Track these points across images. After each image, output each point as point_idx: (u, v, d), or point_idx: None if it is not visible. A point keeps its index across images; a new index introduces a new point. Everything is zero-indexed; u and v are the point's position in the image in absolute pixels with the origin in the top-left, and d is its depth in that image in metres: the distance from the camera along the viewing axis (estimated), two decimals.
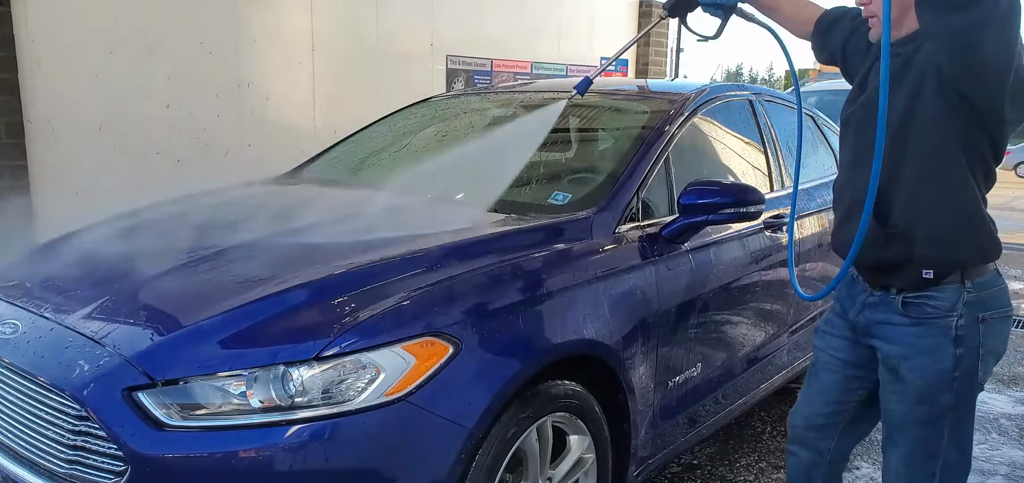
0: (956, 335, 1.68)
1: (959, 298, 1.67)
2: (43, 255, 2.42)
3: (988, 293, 1.70)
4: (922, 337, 1.70)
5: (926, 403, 1.72)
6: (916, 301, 1.71)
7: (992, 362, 1.74)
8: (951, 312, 1.67)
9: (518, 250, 2.09)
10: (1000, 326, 1.74)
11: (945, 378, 1.69)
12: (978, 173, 1.65)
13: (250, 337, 1.70)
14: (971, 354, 1.69)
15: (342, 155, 3.34)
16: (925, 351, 1.70)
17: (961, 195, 1.64)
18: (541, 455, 1.99)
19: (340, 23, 5.32)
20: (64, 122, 3.95)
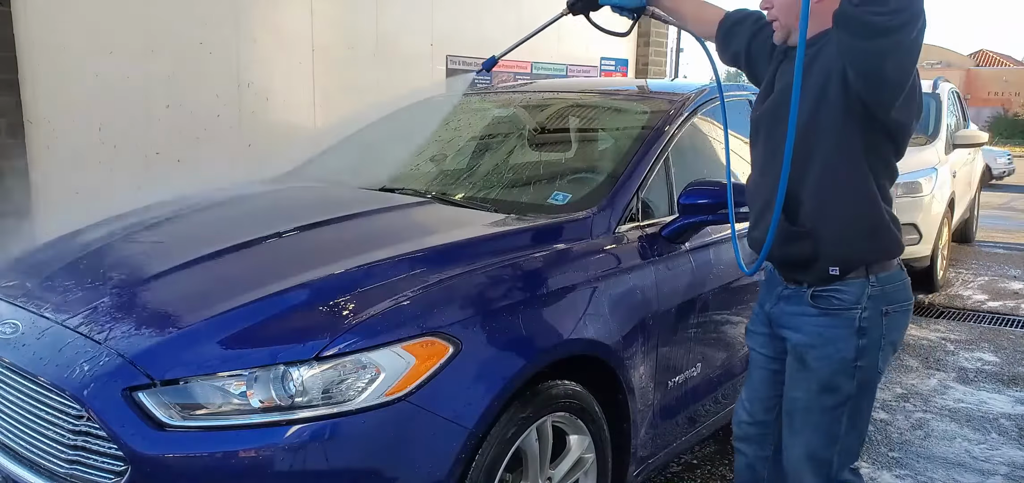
0: (860, 326, 1.75)
1: (864, 292, 1.75)
2: (43, 255, 2.42)
3: (892, 287, 1.78)
4: (828, 328, 1.78)
5: (829, 391, 1.79)
6: (824, 294, 1.78)
7: (891, 352, 1.83)
8: (856, 305, 1.75)
9: (518, 250, 2.10)
10: (901, 319, 1.82)
11: (848, 367, 1.77)
12: (881, 175, 1.73)
13: (250, 337, 1.70)
14: (874, 345, 1.77)
15: (342, 155, 3.34)
16: (830, 341, 1.78)
17: (864, 197, 1.72)
18: (541, 455, 1.99)
19: (340, 23, 5.31)
20: (64, 122, 3.95)
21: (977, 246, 8.00)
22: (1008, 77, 40.79)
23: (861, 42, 1.53)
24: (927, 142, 6.17)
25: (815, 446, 1.84)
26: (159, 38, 4.30)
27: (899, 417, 3.54)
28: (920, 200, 5.53)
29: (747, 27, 2.06)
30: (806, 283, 1.81)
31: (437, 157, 3.15)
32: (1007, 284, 6.27)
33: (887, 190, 1.76)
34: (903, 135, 1.72)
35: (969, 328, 5.02)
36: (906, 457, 3.14)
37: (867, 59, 1.55)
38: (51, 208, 3.94)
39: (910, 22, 1.48)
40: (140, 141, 4.27)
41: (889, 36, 1.49)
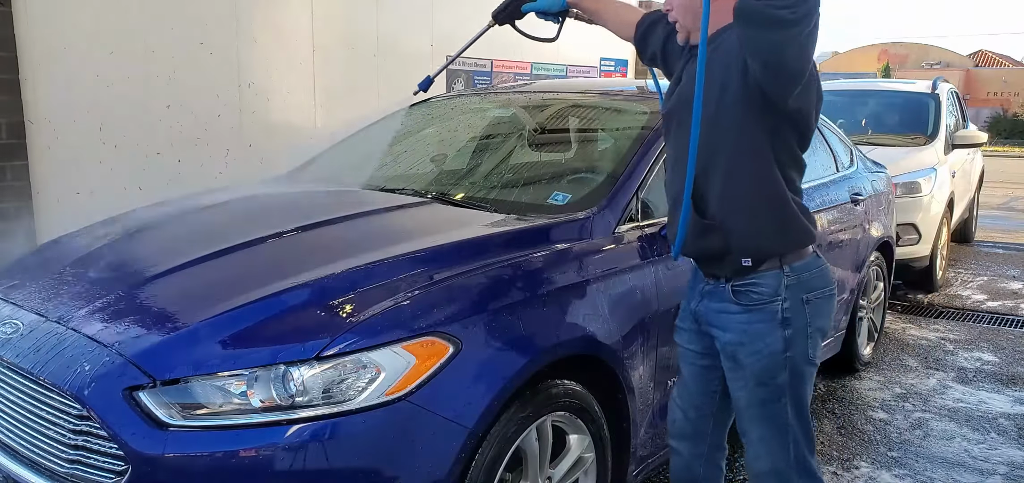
0: (783, 318, 1.78)
1: (780, 283, 1.78)
2: (44, 255, 2.42)
3: (808, 275, 1.81)
4: (752, 323, 1.80)
5: (764, 384, 1.82)
6: (743, 288, 1.81)
7: (820, 338, 1.85)
8: (776, 296, 1.78)
9: (518, 250, 2.10)
10: (824, 305, 1.84)
11: (778, 359, 1.79)
12: (787, 165, 1.76)
13: (251, 337, 1.71)
14: (800, 334, 1.79)
15: (342, 155, 3.34)
16: (757, 336, 1.80)
17: (770, 189, 1.74)
18: (541, 454, 1.99)
19: (340, 23, 5.32)
20: (64, 122, 3.95)
21: (976, 246, 8.00)
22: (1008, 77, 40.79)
23: (764, 34, 1.56)
24: (926, 142, 6.17)
25: (767, 437, 1.87)
26: (159, 38, 4.30)
27: (898, 417, 3.55)
28: (919, 200, 5.54)
29: (661, 28, 2.11)
30: (723, 277, 1.84)
31: (437, 157, 3.16)
32: (1006, 284, 6.27)
33: (795, 181, 1.79)
34: (805, 123, 1.74)
35: (968, 328, 5.03)
36: (905, 457, 3.15)
37: (769, 50, 1.58)
38: (51, 208, 3.94)
39: (809, 14, 1.52)
40: (140, 141, 4.28)
41: (790, 28, 1.53)
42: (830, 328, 1.89)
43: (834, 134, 4.13)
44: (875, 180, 4.19)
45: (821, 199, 3.44)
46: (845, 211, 3.65)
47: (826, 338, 1.90)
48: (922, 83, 7.10)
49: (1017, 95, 39.13)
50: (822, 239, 3.37)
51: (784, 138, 1.73)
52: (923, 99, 6.72)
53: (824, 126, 4.05)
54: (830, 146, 3.96)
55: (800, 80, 1.63)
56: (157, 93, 4.32)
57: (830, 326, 1.89)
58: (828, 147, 3.94)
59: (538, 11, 2.30)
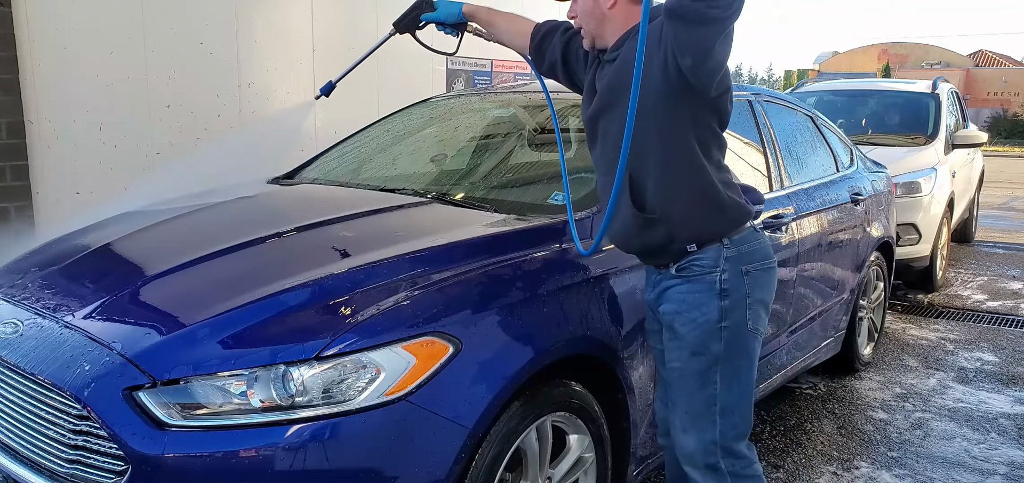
0: (721, 288, 1.83)
1: (720, 255, 1.83)
2: (44, 255, 2.42)
3: (748, 248, 1.86)
4: (690, 292, 1.85)
5: (699, 353, 1.84)
6: (686, 264, 1.86)
7: (762, 311, 1.90)
8: (715, 268, 1.83)
9: (518, 250, 2.10)
10: (764, 277, 1.89)
11: (713, 328, 1.83)
12: (711, 147, 1.83)
13: (250, 337, 1.71)
14: (738, 305, 1.84)
15: (342, 155, 3.34)
16: (694, 305, 1.84)
17: (701, 174, 1.81)
18: (541, 455, 1.99)
19: (340, 23, 5.31)
20: (64, 122, 3.95)
21: (976, 246, 8.00)
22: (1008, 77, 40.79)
23: (696, 30, 1.61)
24: (926, 142, 6.17)
25: (694, 410, 1.87)
26: (159, 38, 4.30)
27: (898, 417, 3.55)
28: (919, 200, 5.54)
29: (558, 38, 2.14)
30: (670, 263, 1.89)
31: (437, 157, 3.15)
32: (1006, 284, 6.27)
33: (720, 160, 1.86)
34: (723, 103, 1.81)
35: (968, 328, 5.03)
36: (905, 457, 3.15)
37: (700, 45, 1.63)
38: (51, 208, 3.94)
39: (737, 10, 1.59)
40: (140, 141, 4.28)
41: (721, 23, 1.59)
42: (770, 300, 1.93)
43: (834, 134, 4.12)
44: (875, 180, 4.19)
45: (821, 199, 3.44)
46: (845, 211, 3.65)
47: (768, 312, 1.94)
48: (922, 83, 7.10)
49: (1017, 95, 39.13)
50: (821, 240, 3.36)
51: (706, 122, 1.80)
52: (923, 99, 6.72)
53: (824, 126, 4.05)
54: (830, 146, 3.96)
55: (722, 69, 1.71)
56: (157, 93, 4.32)
57: (771, 299, 1.93)
58: (828, 147, 3.94)
59: (437, 22, 2.35)
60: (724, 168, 1.88)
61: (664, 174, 1.81)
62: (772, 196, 3.08)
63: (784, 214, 3.05)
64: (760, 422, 3.46)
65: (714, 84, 1.72)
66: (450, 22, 2.35)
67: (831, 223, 3.47)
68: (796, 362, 3.36)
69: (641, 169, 1.82)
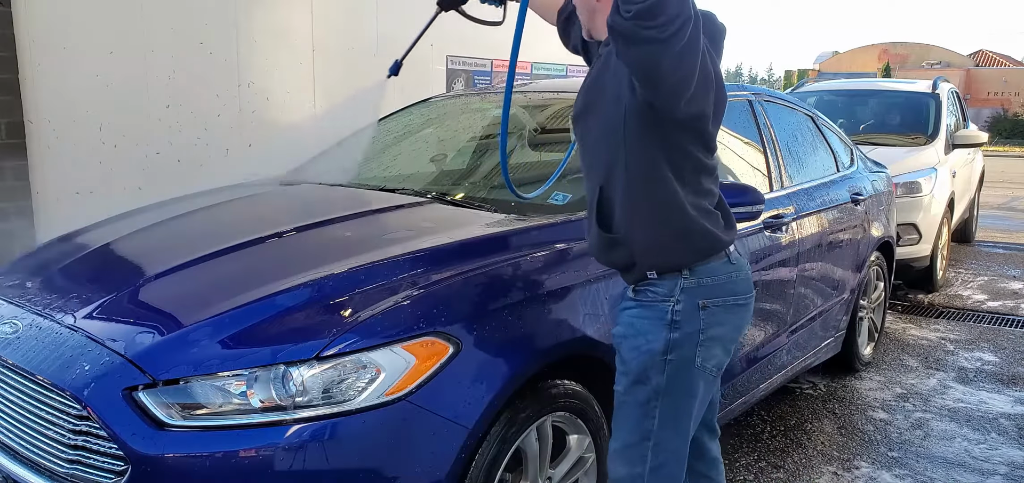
0: (672, 320, 1.69)
1: (676, 284, 1.70)
2: (44, 255, 2.42)
3: (712, 281, 1.71)
4: (640, 318, 1.73)
5: (641, 382, 1.72)
6: (642, 288, 1.74)
7: (719, 350, 1.74)
8: (668, 297, 1.70)
9: (518, 250, 2.10)
10: (725, 315, 1.73)
11: (656, 359, 1.70)
12: (686, 172, 1.66)
13: (250, 337, 1.71)
14: (688, 340, 1.69)
15: (342, 155, 3.34)
16: (641, 331, 1.72)
17: (669, 200, 1.66)
18: (541, 455, 1.99)
19: (340, 23, 5.31)
20: (64, 122, 3.95)
21: (977, 246, 8.00)
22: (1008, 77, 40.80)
23: (635, 50, 1.46)
24: (927, 142, 6.17)
25: (626, 439, 1.76)
26: (159, 38, 4.30)
27: (899, 417, 3.55)
28: (919, 200, 5.54)
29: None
30: (630, 283, 1.79)
31: (437, 157, 3.15)
32: (1007, 284, 6.27)
33: (700, 186, 1.69)
34: (703, 124, 1.65)
35: (969, 328, 5.02)
36: (906, 457, 3.14)
37: (643, 65, 1.49)
38: (51, 208, 3.94)
39: (680, 31, 1.42)
40: (140, 141, 4.27)
41: (660, 45, 1.43)
42: (733, 339, 1.77)
43: (834, 134, 4.12)
44: (875, 180, 4.19)
45: (821, 199, 3.44)
46: (846, 211, 3.65)
47: (729, 351, 1.77)
48: (922, 83, 7.10)
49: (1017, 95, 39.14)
50: (821, 240, 3.36)
51: (681, 146, 1.64)
52: (923, 99, 6.72)
53: (824, 126, 4.05)
54: (830, 146, 3.96)
55: (685, 90, 1.53)
56: (157, 93, 4.32)
57: (734, 337, 1.77)
58: (828, 147, 3.94)
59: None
60: (704, 193, 1.71)
61: (628, 194, 1.68)
62: (772, 196, 3.08)
63: (784, 214, 3.05)
64: (760, 422, 3.45)
65: (679, 106, 1.56)
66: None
67: (831, 223, 3.47)
68: (796, 362, 3.36)
69: (609, 187, 1.71)
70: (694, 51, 1.49)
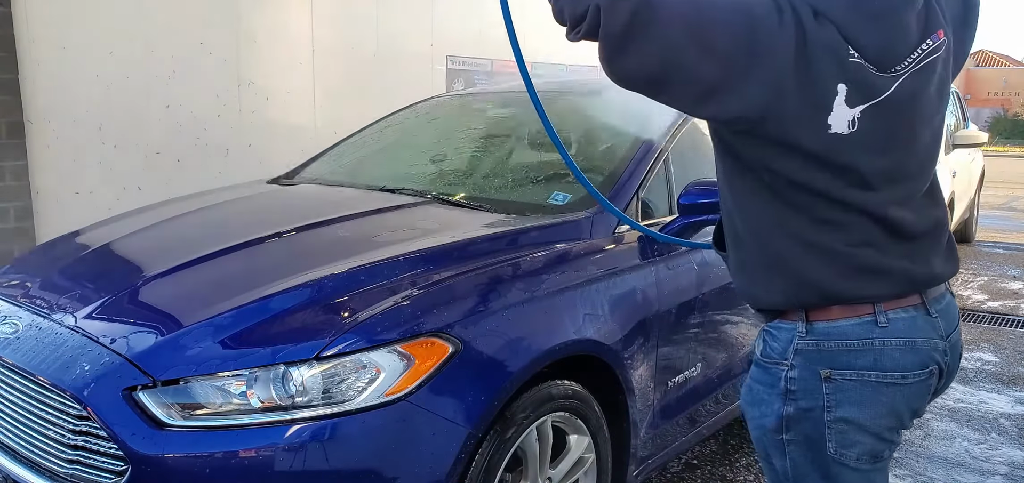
0: (786, 389, 1.31)
1: (790, 342, 1.31)
2: (43, 255, 2.42)
3: (836, 345, 1.28)
4: (757, 381, 1.38)
5: (766, 460, 1.40)
6: (766, 335, 1.37)
7: (865, 437, 1.29)
8: (783, 358, 1.32)
9: (518, 250, 2.10)
10: (860, 392, 1.27)
11: (771, 438, 1.35)
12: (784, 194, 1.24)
13: (250, 337, 1.71)
14: (808, 418, 1.29)
15: (342, 155, 3.34)
16: (757, 400, 1.37)
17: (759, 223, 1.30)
18: (541, 455, 1.99)
19: (340, 23, 5.32)
20: (64, 122, 3.95)
21: (977, 246, 8.00)
22: (1008, 77, 40.80)
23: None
24: None
25: None
26: (159, 38, 4.30)
27: None
28: None
29: None
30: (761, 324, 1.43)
31: (437, 157, 3.15)
32: (1007, 284, 6.27)
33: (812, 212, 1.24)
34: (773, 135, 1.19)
35: (969, 328, 5.02)
36: (906, 457, 3.14)
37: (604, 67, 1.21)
38: (51, 208, 3.94)
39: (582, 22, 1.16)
40: (140, 141, 4.28)
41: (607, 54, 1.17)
42: (877, 426, 1.29)
43: None
44: None
45: None
46: None
47: (885, 439, 1.31)
48: None
49: (1018, 95, 39.14)
50: None
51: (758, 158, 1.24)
52: None
53: None
54: None
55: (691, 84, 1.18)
56: (157, 93, 4.32)
57: (889, 424, 1.29)
58: None
59: None
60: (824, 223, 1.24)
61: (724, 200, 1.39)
62: None
63: None
64: None
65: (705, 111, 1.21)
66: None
67: None
68: None
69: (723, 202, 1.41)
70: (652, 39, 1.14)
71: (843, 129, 1.17)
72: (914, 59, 1.19)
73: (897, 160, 1.23)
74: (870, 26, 1.17)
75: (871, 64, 1.17)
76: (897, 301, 1.27)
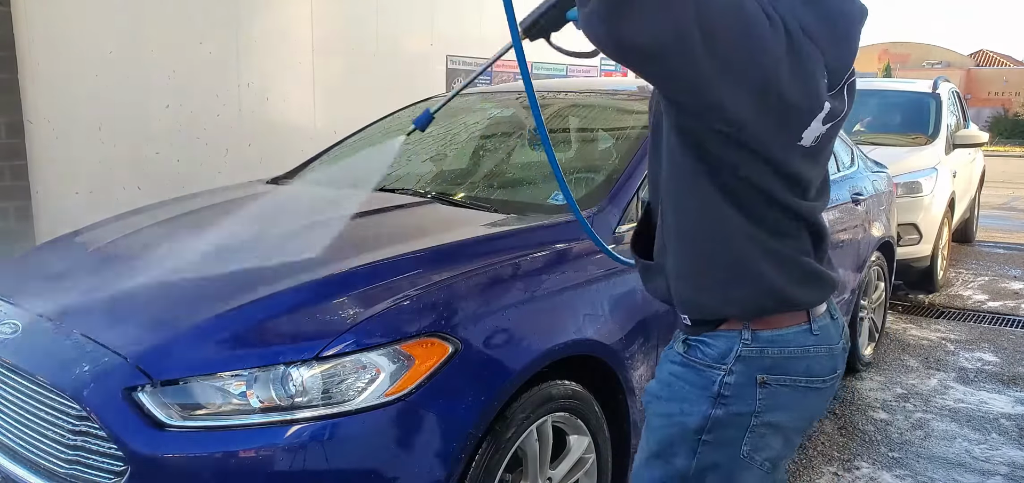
0: (719, 392, 1.28)
1: (733, 348, 1.28)
2: (43, 255, 2.42)
3: (779, 352, 1.28)
4: (680, 379, 1.33)
5: (661, 458, 1.34)
6: (694, 342, 1.33)
7: (778, 441, 1.31)
8: (720, 363, 1.28)
9: (518, 250, 2.09)
10: (795, 397, 1.29)
11: (687, 437, 1.30)
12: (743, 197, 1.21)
13: (250, 337, 1.71)
14: (734, 422, 1.28)
15: (341, 156, 3.34)
16: (677, 397, 1.32)
17: (714, 229, 1.24)
18: (541, 455, 1.99)
19: (340, 23, 5.31)
20: (64, 122, 3.95)
21: (977, 246, 7.99)
22: (1008, 77, 40.81)
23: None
24: (927, 142, 6.17)
25: None
26: (159, 38, 4.30)
27: (899, 417, 3.54)
28: (920, 200, 5.53)
29: None
30: (682, 330, 1.38)
31: (437, 157, 3.15)
32: (1007, 284, 6.27)
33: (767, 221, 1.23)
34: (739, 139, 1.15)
35: (969, 328, 5.02)
36: (906, 457, 3.14)
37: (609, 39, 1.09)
38: (51, 208, 3.94)
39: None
40: (140, 141, 4.28)
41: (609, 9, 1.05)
42: (802, 431, 1.35)
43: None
44: (876, 180, 4.18)
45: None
46: (846, 211, 3.64)
47: (793, 444, 1.36)
48: (923, 83, 7.10)
49: (1018, 95, 39.14)
50: None
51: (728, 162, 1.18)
52: (924, 99, 6.72)
53: None
54: None
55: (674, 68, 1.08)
56: (157, 93, 4.32)
57: (802, 428, 1.35)
58: None
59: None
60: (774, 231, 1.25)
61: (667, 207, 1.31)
62: None
63: None
64: None
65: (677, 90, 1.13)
66: None
67: (831, 223, 3.46)
68: None
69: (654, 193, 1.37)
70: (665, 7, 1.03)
71: (808, 142, 1.20)
72: (847, 78, 1.24)
73: (823, 171, 1.32)
74: (835, 48, 1.19)
75: (830, 81, 1.19)
76: (818, 307, 1.33)
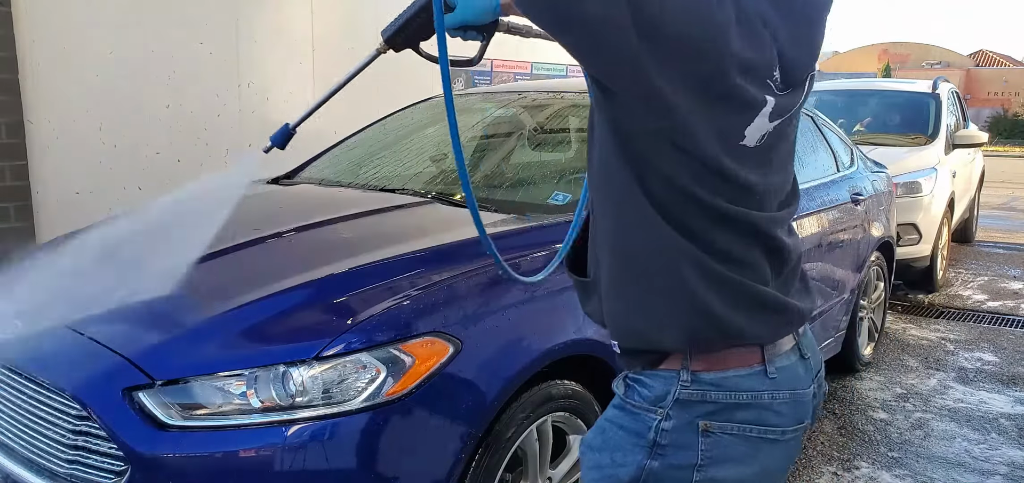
0: (655, 440, 1.09)
1: (670, 390, 1.09)
2: (43, 255, 2.42)
3: (724, 396, 1.08)
4: (614, 423, 1.15)
5: None
6: (632, 381, 1.14)
7: None
8: (657, 405, 1.10)
9: (518, 250, 2.10)
10: (745, 448, 1.09)
11: None
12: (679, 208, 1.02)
13: (251, 337, 1.71)
14: (673, 476, 1.09)
15: (341, 155, 3.34)
16: (609, 445, 1.14)
17: (648, 244, 1.05)
18: (541, 455, 1.99)
19: (340, 23, 5.32)
20: (64, 122, 3.95)
21: (977, 246, 7.99)
22: (1008, 77, 40.81)
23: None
24: (927, 142, 6.17)
25: None
26: (159, 38, 4.30)
27: (899, 417, 3.55)
28: (920, 200, 5.54)
29: None
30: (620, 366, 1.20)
31: (437, 157, 3.15)
32: (1007, 284, 6.27)
33: (718, 241, 1.04)
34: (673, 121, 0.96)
35: (969, 328, 5.02)
36: (906, 457, 3.14)
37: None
38: (51, 208, 3.94)
39: None
40: (140, 141, 4.27)
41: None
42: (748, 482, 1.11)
43: (834, 134, 4.12)
44: (876, 180, 4.19)
45: (821, 199, 3.44)
46: (845, 211, 3.64)
47: None
48: (922, 83, 7.10)
49: (1018, 95, 39.14)
50: (821, 240, 3.35)
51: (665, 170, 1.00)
52: (924, 99, 6.72)
53: (824, 126, 4.05)
54: (830, 146, 3.96)
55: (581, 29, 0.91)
56: (157, 93, 4.32)
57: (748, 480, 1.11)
58: (828, 147, 3.94)
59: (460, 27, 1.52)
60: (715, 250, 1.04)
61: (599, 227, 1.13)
62: None
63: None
64: None
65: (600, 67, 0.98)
66: (481, 22, 1.50)
67: (831, 223, 3.46)
68: None
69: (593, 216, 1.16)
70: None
71: (752, 141, 1.02)
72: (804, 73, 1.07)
73: (783, 177, 1.12)
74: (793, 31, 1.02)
75: (785, 77, 1.02)
76: (778, 345, 1.12)
